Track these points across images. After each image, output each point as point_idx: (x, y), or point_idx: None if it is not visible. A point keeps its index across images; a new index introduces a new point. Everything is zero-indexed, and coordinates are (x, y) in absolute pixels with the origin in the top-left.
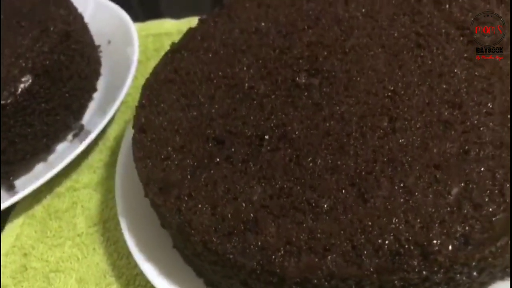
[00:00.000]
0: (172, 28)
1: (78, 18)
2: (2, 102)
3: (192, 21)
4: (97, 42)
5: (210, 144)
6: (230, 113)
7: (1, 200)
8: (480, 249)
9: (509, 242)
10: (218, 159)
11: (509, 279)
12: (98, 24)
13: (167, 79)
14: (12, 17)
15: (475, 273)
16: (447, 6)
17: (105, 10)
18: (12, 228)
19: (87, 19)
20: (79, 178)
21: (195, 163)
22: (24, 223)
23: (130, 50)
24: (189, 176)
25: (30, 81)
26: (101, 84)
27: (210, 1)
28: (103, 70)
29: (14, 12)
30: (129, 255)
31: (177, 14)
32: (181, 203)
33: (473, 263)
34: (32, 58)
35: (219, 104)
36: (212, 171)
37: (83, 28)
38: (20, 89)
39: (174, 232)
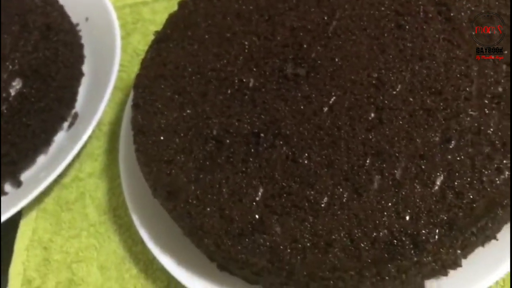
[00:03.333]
0: None
1: (54, 4)
2: None
3: None
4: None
5: (210, 145)
6: (224, 110)
7: (15, 197)
8: (463, 232)
9: (488, 221)
10: (219, 160)
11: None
12: (71, 1)
13: (158, 75)
14: None
15: (459, 251)
16: None
17: None
18: (28, 222)
19: None
20: (82, 167)
21: (198, 165)
22: (38, 216)
23: (110, 26)
24: (193, 179)
25: (21, 84)
26: (86, 67)
27: None
28: (86, 51)
29: None
30: (143, 241)
31: None
32: (190, 207)
33: (458, 245)
34: (18, 59)
35: (212, 101)
36: (215, 173)
37: (61, 14)
38: (12, 94)
39: (186, 233)
